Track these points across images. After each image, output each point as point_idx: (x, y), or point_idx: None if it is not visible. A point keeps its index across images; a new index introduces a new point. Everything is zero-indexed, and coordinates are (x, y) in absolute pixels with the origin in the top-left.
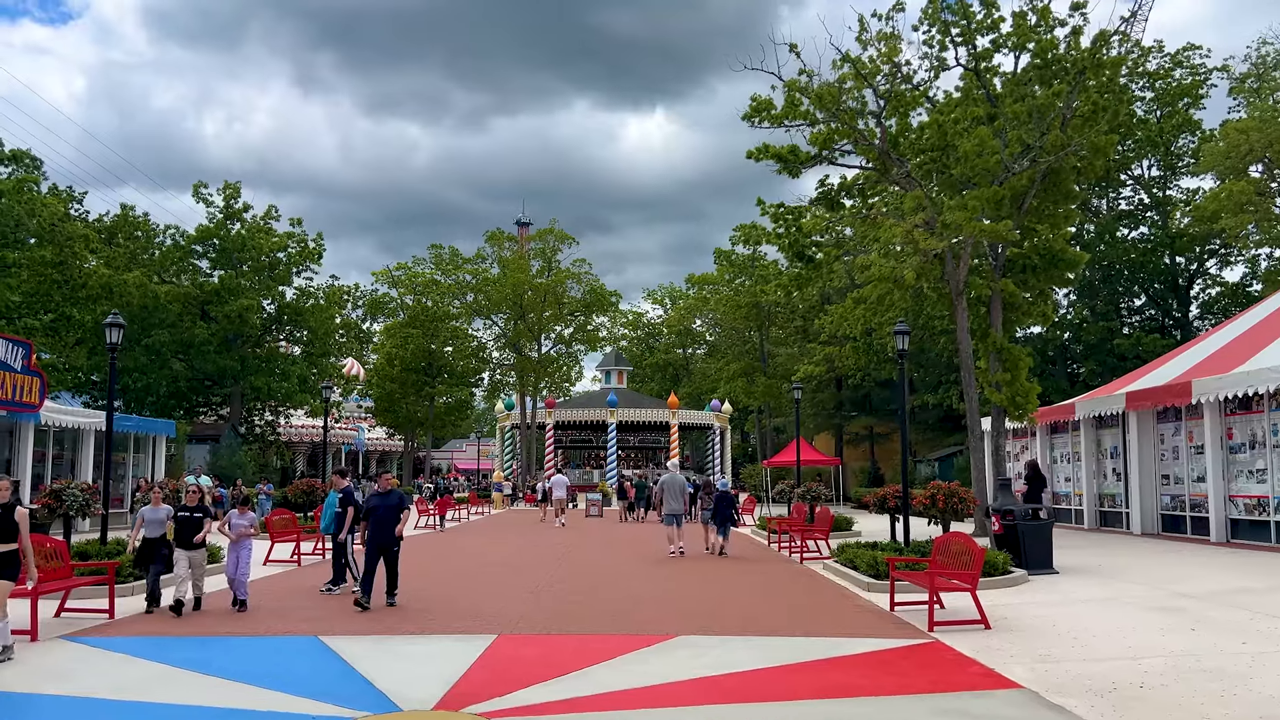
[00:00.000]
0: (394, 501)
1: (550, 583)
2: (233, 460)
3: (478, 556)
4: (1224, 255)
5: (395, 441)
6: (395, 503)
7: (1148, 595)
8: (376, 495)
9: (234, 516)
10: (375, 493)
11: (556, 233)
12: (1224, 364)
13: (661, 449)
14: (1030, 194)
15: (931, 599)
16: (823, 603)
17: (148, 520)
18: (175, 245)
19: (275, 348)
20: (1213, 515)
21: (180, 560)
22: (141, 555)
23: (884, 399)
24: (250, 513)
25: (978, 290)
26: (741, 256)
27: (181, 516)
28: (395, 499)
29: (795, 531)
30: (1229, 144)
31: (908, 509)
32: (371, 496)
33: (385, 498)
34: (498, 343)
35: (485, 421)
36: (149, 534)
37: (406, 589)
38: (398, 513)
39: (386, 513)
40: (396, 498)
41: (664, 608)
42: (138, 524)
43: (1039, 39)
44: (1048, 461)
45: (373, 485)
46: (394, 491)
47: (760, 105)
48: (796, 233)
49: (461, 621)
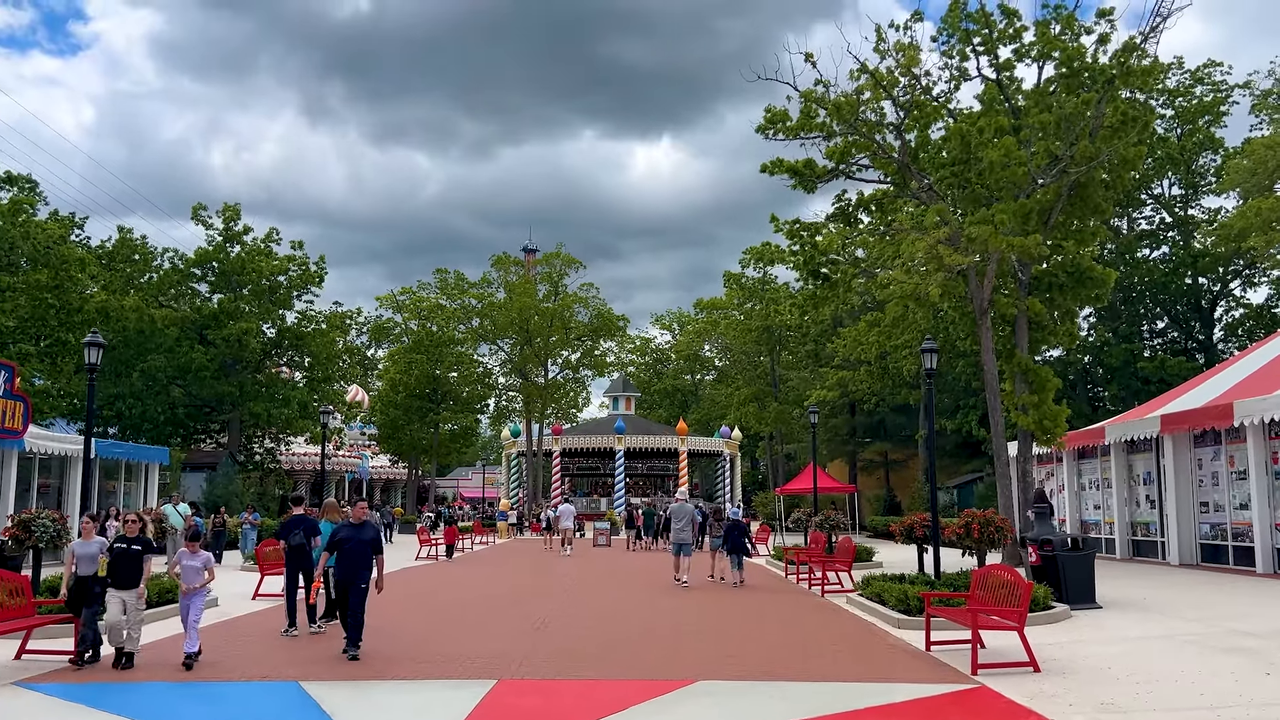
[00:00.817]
0: (367, 536)
1: (555, 618)
2: (229, 489)
3: (479, 589)
4: (1248, 276)
5: (400, 469)
6: (369, 537)
7: (1206, 633)
8: (347, 526)
9: (183, 557)
10: (346, 523)
11: (564, 257)
12: (1266, 385)
13: (670, 476)
14: (1057, 208)
15: (974, 638)
16: (851, 641)
17: (79, 556)
18: (174, 269)
19: (275, 373)
20: (1258, 544)
21: (113, 601)
22: (75, 597)
23: (899, 425)
24: (203, 552)
25: (1002, 309)
26: (752, 280)
27: (117, 550)
28: (370, 533)
29: (815, 562)
30: (1255, 160)
31: (938, 539)
32: (341, 527)
33: (358, 530)
34: (504, 368)
35: (491, 449)
36: (81, 571)
37: (401, 624)
38: (370, 549)
39: (357, 547)
40: (371, 532)
41: (680, 646)
42: (68, 561)
43: (1065, 46)
44: (1075, 488)
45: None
46: (368, 524)
47: (775, 116)
48: (812, 250)
49: (458, 664)
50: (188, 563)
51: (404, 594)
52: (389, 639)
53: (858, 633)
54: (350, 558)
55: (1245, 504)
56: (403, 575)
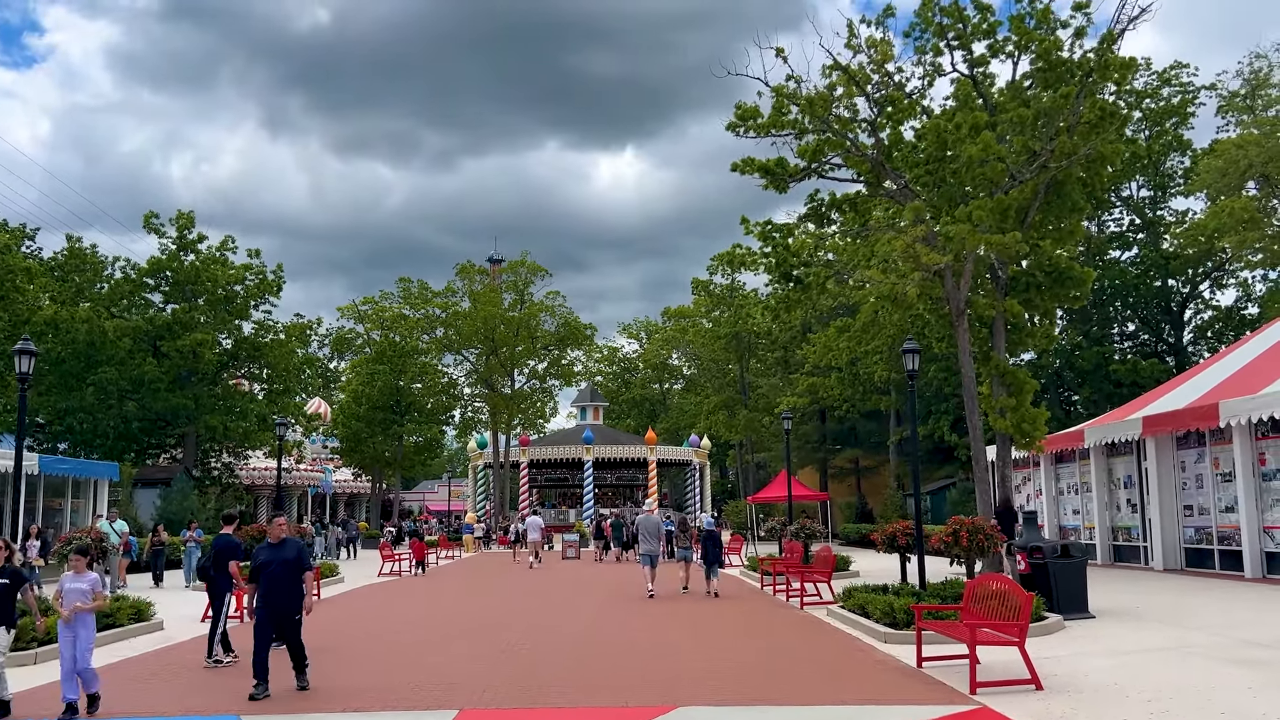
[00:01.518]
0: (290, 555)
1: (522, 638)
2: (184, 505)
3: (441, 607)
4: (1217, 278)
5: (364, 483)
6: (292, 557)
7: (1211, 644)
8: (266, 548)
9: (67, 580)
10: (264, 545)
11: (529, 265)
12: (1250, 384)
13: (639, 486)
14: (1034, 206)
15: (972, 655)
16: (837, 658)
17: None
18: (125, 278)
19: (233, 385)
20: (1246, 549)
21: None
22: None
23: (870, 431)
24: (91, 573)
25: (980, 310)
26: (720, 286)
27: None
28: (292, 552)
29: (793, 573)
30: (1226, 160)
31: (922, 547)
32: (259, 549)
33: (278, 550)
34: (469, 379)
35: (458, 461)
36: None
37: (356, 647)
38: (297, 571)
39: (281, 569)
40: (294, 550)
41: (656, 667)
42: None
43: (1042, 39)
44: (1053, 493)
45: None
46: (289, 542)
47: (746, 113)
48: (785, 252)
49: (414, 694)
50: (71, 585)
51: (362, 613)
52: (343, 664)
53: (843, 648)
54: (274, 583)
55: (1231, 507)
56: (364, 592)
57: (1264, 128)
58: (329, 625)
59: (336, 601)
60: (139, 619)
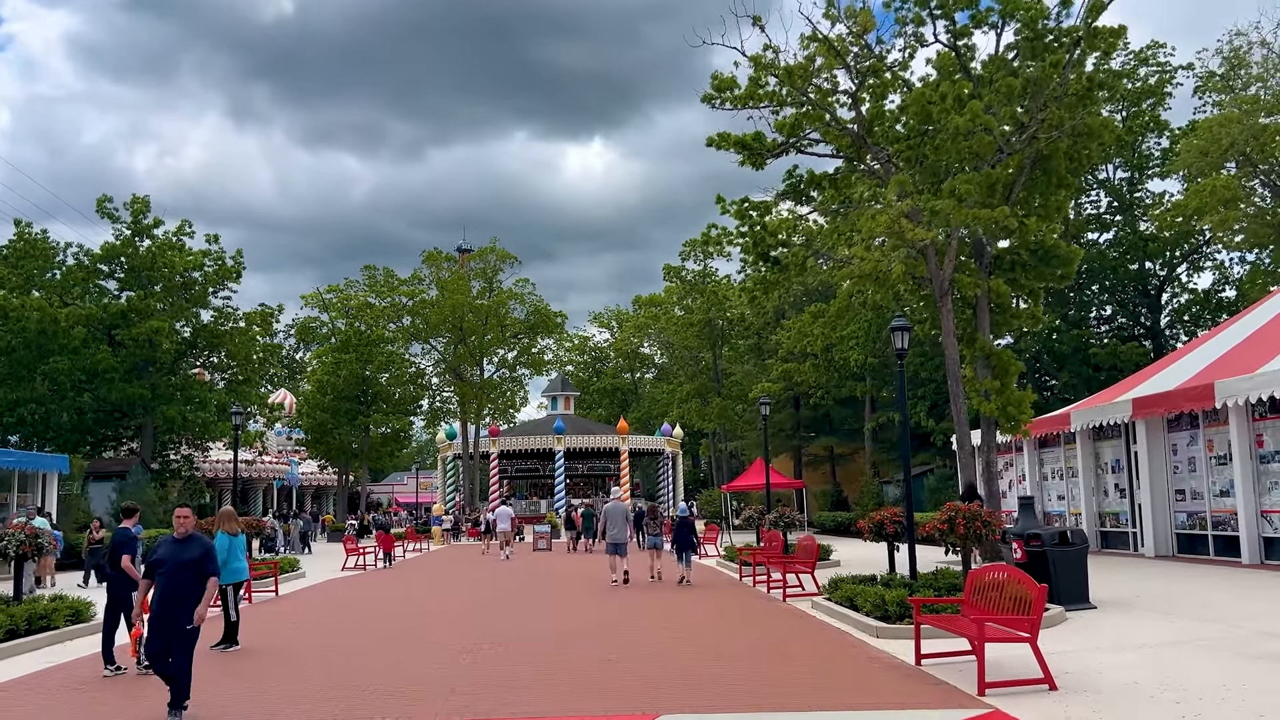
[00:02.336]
0: (193, 555)
1: (490, 636)
2: (141, 498)
3: (404, 603)
4: (1195, 261)
5: (330, 475)
6: (195, 557)
7: (1227, 636)
8: (167, 543)
9: None
10: (168, 539)
11: (498, 252)
12: (1246, 363)
13: (611, 476)
14: (1020, 182)
15: (980, 653)
16: (827, 655)
17: None
18: (78, 265)
19: (192, 375)
20: (1244, 534)
21: None
22: None
23: (845, 417)
24: None
25: (964, 290)
26: (693, 273)
27: None
28: (196, 551)
29: (774, 563)
30: (1207, 139)
31: (913, 536)
32: (159, 544)
33: (182, 547)
34: (437, 368)
35: (427, 453)
36: None
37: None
38: (199, 573)
39: (179, 572)
40: (199, 550)
41: (635, 667)
42: None
43: (1027, 7)
44: (1037, 478)
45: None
46: (195, 538)
47: (723, 83)
48: (762, 231)
49: (371, 702)
50: None
51: (321, 609)
52: (291, 667)
53: (833, 645)
54: (167, 585)
55: (1227, 490)
56: (324, 587)
57: (1244, 106)
58: (281, 624)
59: (294, 598)
60: (77, 620)
